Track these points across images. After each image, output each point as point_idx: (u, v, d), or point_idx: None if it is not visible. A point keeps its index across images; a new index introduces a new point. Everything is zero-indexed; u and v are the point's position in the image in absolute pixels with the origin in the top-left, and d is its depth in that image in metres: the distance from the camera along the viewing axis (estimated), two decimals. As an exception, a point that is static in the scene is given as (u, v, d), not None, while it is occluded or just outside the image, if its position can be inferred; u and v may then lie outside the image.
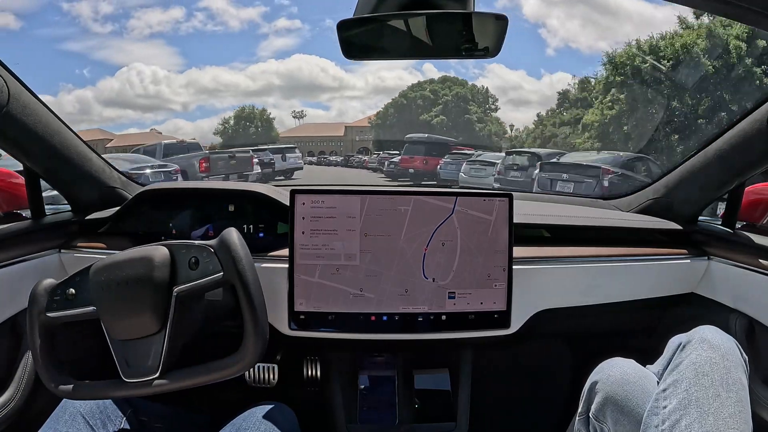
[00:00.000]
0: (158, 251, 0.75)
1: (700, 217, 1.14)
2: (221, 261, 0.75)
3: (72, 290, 0.77)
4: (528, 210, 1.11)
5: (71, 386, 0.76)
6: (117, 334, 0.75)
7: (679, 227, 1.11)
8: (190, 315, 0.79)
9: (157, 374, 0.74)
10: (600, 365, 0.82)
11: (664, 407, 0.66)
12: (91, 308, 0.76)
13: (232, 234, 0.77)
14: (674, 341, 0.74)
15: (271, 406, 0.82)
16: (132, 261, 0.74)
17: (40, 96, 0.91)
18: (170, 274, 0.75)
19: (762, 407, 0.89)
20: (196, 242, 0.77)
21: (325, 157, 25.96)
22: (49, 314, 0.77)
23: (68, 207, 1.13)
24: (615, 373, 0.78)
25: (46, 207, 1.06)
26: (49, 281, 0.78)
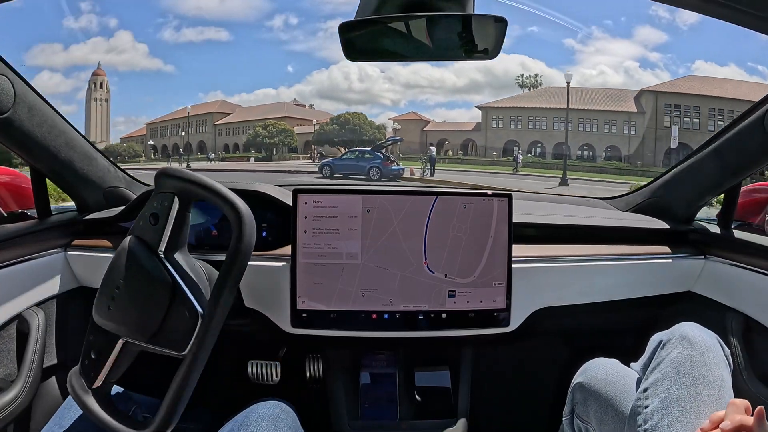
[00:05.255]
0: None
1: (697, 217, 1.16)
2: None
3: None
4: (527, 209, 1.12)
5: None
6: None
7: (676, 227, 1.12)
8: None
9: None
10: (583, 366, 0.83)
11: (646, 407, 0.66)
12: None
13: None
14: (655, 339, 0.74)
15: (272, 403, 0.83)
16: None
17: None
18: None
19: (760, 404, 0.90)
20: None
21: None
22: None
23: (74, 206, 1.15)
24: (597, 373, 0.79)
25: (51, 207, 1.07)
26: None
